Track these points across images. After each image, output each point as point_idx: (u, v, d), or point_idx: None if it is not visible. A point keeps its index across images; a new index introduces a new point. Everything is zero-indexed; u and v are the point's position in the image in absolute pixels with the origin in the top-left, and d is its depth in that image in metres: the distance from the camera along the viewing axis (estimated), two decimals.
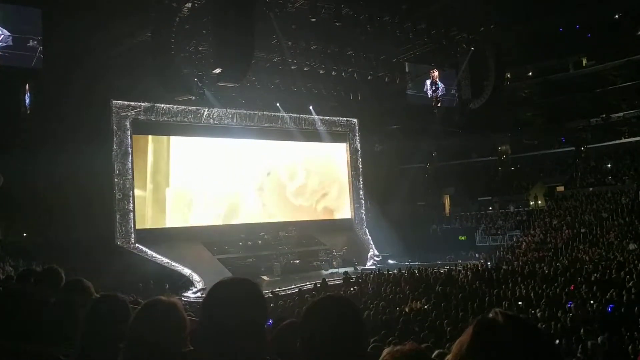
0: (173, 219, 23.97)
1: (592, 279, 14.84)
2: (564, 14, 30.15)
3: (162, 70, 17.05)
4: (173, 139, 24.90)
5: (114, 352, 1.94)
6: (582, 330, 8.75)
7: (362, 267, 24.59)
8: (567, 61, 35.40)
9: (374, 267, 24.38)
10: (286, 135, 28.25)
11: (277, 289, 18.11)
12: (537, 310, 11.17)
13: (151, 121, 23.99)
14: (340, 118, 30.42)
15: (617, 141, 33.27)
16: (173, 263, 21.82)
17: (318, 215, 29.27)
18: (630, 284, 13.36)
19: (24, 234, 21.38)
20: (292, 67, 22.10)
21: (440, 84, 23.55)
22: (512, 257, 25.80)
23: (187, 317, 1.94)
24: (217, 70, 16.30)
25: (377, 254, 27.45)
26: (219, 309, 1.72)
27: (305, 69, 22.44)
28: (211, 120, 25.67)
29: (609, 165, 32.37)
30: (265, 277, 22.57)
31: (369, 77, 24.29)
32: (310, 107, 28.18)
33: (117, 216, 22.61)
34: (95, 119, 21.52)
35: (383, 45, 22.33)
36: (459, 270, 19.52)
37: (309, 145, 29.58)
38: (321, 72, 22.90)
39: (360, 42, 21.61)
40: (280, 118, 27.71)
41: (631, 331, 8.73)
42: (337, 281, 19.91)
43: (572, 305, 11.12)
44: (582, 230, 26.55)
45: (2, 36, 15.75)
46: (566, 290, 13.48)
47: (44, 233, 19.62)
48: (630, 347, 7.70)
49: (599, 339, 7.55)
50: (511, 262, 23.42)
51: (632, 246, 23.16)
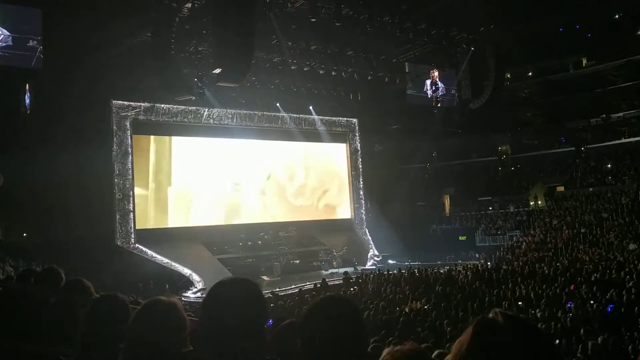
0: (173, 219, 23.97)
1: (592, 279, 14.85)
2: (564, 14, 30.13)
3: (162, 70, 17.06)
4: (173, 139, 24.89)
5: (114, 352, 1.94)
6: (582, 330, 8.75)
7: (362, 267, 24.58)
8: (567, 61, 35.40)
9: (374, 267, 24.38)
10: (286, 135, 28.25)
11: (277, 289, 18.11)
12: (537, 310, 11.18)
13: (151, 121, 24.00)
14: (340, 118, 30.41)
15: (617, 141, 33.26)
16: (173, 263, 21.83)
17: (318, 215, 29.27)
18: (630, 284, 13.37)
19: (24, 234, 21.37)
20: (292, 67, 22.10)
21: (440, 84, 23.54)
22: (512, 257, 25.79)
23: (187, 317, 1.94)
24: (217, 71, 16.30)
25: (377, 254, 27.44)
26: (219, 309, 1.72)
27: (305, 69, 22.44)
28: (211, 121, 25.66)
29: (609, 165, 32.37)
30: (265, 277, 22.56)
31: (369, 77, 24.28)
32: (310, 107, 28.16)
33: (117, 216, 22.61)
34: (95, 119, 21.51)
35: (383, 45, 22.34)
36: (459, 270, 19.52)
37: (309, 146, 29.59)
38: (321, 72, 22.90)
39: (360, 42, 21.61)
40: (280, 118, 27.70)
41: (631, 331, 8.73)
42: (337, 281, 19.90)
43: (572, 305, 11.13)
44: (582, 230, 26.55)
45: (2, 36, 15.74)
46: (566, 290, 13.48)
47: (44, 233, 19.62)
48: (630, 347, 7.70)
49: (599, 339, 7.55)
50: (511, 262, 23.41)
51: (632, 246, 23.16)
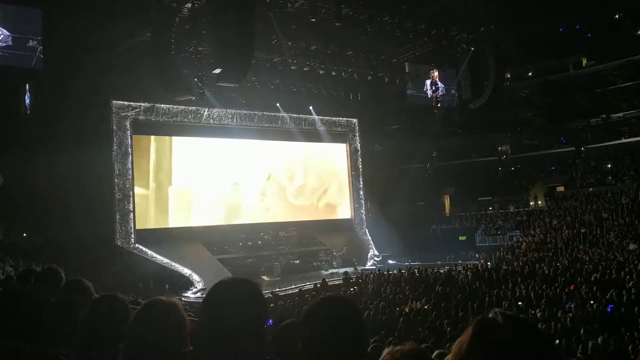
0: (173, 219, 23.97)
1: (592, 279, 14.85)
2: (564, 14, 30.13)
3: (162, 70, 17.05)
4: (173, 139, 24.88)
5: (114, 352, 1.94)
6: (582, 331, 8.75)
7: (362, 267, 24.57)
8: (567, 61, 35.40)
9: (374, 267, 24.37)
10: (286, 135, 28.24)
11: (277, 289, 18.11)
12: (537, 311, 11.17)
13: (151, 121, 24.00)
14: (340, 118, 30.41)
15: (617, 141, 33.25)
16: (173, 263, 21.82)
17: (318, 215, 29.26)
18: (630, 284, 13.37)
19: (24, 234, 21.37)
20: (292, 67, 22.10)
21: (440, 84, 23.52)
22: (512, 257, 25.80)
23: (187, 317, 1.94)
24: (217, 71, 16.30)
25: (377, 254, 27.43)
26: (219, 309, 1.72)
27: (305, 69, 22.44)
28: (211, 121, 25.66)
29: (609, 166, 32.37)
30: (265, 277, 22.56)
31: (369, 77, 24.28)
32: (310, 107, 28.16)
33: (117, 216, 22.62)
34: (95, 119, 21.51)
35: (383, 45, 22.33)
36: (459, 270, 19.53)
37: (309, 146, 29.59)
38: (321, 72, 22.89)
39: (360, 42, 21.61)
40: (280, 118, 27.70)
41: (631, 331, 8.73)
42: (337, 281, 19.89)
43: (572, 305, 11.12)
44: (582, 230, 26.55)
45: (2, 36, 15.74)
46: (566, 290, 13.48)
47: (44, 233, 19.61)
48: (630, 347, 7.70)
49: (599, 339, 7.54)
50: (511, 262, 23.42)
51: (632, 246, 23.16)
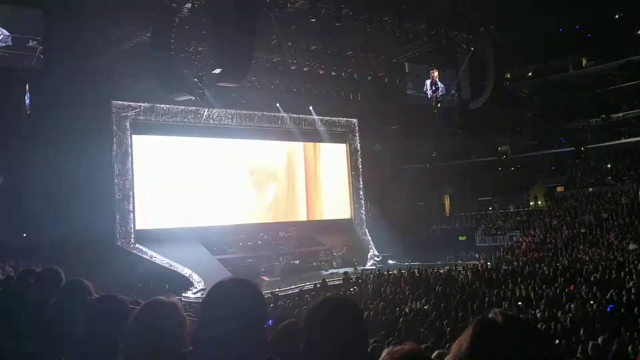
0: (173, 219, 23.95)
1: (592, 279, 14.87)
2: (564, 14, 30.13)
3: (162, 70, 17.06)
4: (173, 140, 24.88)
5: (114, 351, 1.94)
6: (582, 331, 8.75)
7: (362, 268, 24.57)
8: (567, 61, 35.38)
9: (374, 267, 24.38)
10: (286, 135, 28.25)
11: (277, 290, 18.11)
12: (537, 311, 11.18)
13: (151, 121, 23.99)
14: (340, 118, 30.40)
15: (617, 141, 33.23)
16: (173, 263, 21.82)
17: (318, 215, 29.27)
18: (630, 284, 13.39)
19: (24, 234, 21.35)
20: (292, 68, 22.10)
21: (440, 84, 23.52)
22: (512, 257, 25.81)
23: (187, 317, 1.94)
24: (217, 71, 16.30)
25: (377, 254, 27.42)
26: (219, 309, 1.72)
27: (305, 69, 22.44)
28: (211, 121, 25.64)
29: (609, 166, 32.37)
30: (265, 278, 22.55)
31: (369, 77, 24.26)
32: (310, 108, 28.14)
33: (117, 216, 22.61)
34: (95, 119, 21.48)
35: (383, 45, 22.34)
36: (459, 270, 19.56)
37: (309, 146, 29.58)
38: (321, 72, 22.89)
39: (360, 42, 21.62)
40: (280, 118, 27.68)
41: (631, 331, 8.73)
42: (337, 281, 19.90)
43: (572, 306, 11.13)
44: (582, 230, 26.56)
45: (2, 36, 15.74)
46: (566, 290, 13.49)
47: (44, 233, 19.59)
48: (630, 347, 7.69)
49: (599, 339, 7.54)
50: (511, 262, 23.44)
51: (632, 246, 23.18)
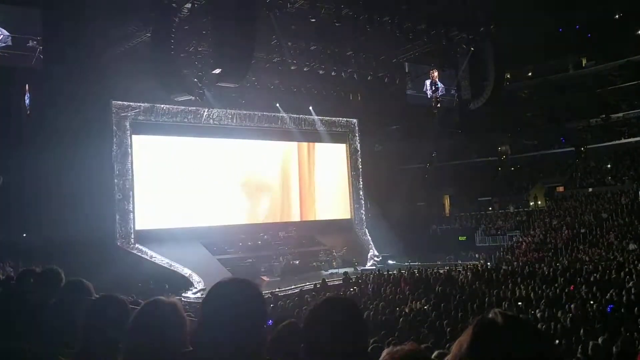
0: (173, 219, 23.95)
1: (592, 279, 14.86)
2: (564, 14, 30.13)
3: (161, 70, 17.05)
4: (173, 140, 24.88)
5: (114, 352, 1.94)
6: (582, 331, 8.75)
7: (362, 268, 24.57)
8: (567, 61, 35.38)
9: (374, 267, 24.38)
10: (286, 135, 28.25)
11: (276, 290, 18.12)
12: (537, 311, 11.18)
13: (151, 122, 23.99)
14: (340, 118, 30.39)
15: (617, 141, 33.23)
16: (173, 263, 21.82)
17: (318, 215, 29.27)
18: (630, 284, 13.38)
19: (24, 234, 21.35)
20: (292, 68, 22.10)
21: (440, 84, 23.50)
22: (511, 257, 25.81)
23: (187, 317, 1.94)
24: (217, 71, 16.30)
25: (377, 254, 27.43)
26: (219, 310, 1.72)
27: (305, 69, 22.44)
28: (211, 121, 25.64)
29: (609, 166, 32.36)
30: (265, 278, 22.55)
31: (369, 78, 24.25)
32: (310, 108, 28.14)
33: (117, 216, 22.61)
34: (95, 119, 21.49)
35: (383, 45, 22.33)
36: (459, 270, 19.56)
37: (309, 146, 29.59)
38: (321, 72, 22.89)
39: (360, 42, 21.60)
40: (280, 118, 27.67)
41: (631, 331, 8.73)
42: (337, 282, 19.90)
43: (572, 306, 11.13)
44: (582, 230, 26.56)
45: (2, 36, 15.73)
46: (566, 290, 13.49)
47: (44, 233, 19.59)
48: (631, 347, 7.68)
49: (599, 339, 7.54)
50: (511, 262, 23.42)
51: (632, 246, 23.18)
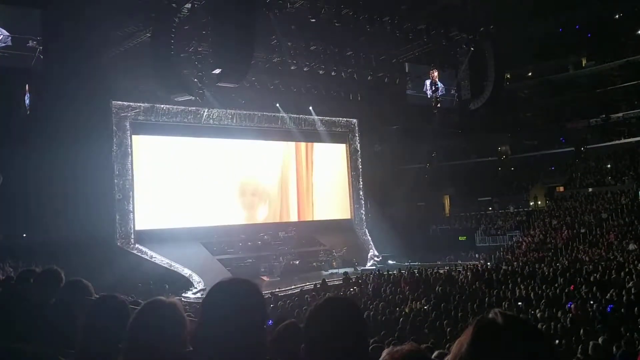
0: (173, 219, 23.96)
1: (592, 279, 14.87)
2: (564, 14, 30.14)
3: (161, 70, 17.04)
4: (173, 140, 24.89)
5: (114, 352, 1.94)
6: (582, 331, 8.75)
7: (362, 268, 24.57)
8: (567, 61, 35.39)
9: (374, 267, 24.38)
10: (286, 135, 28.25)
11: (276, 290, 18.12)
12: (537, 311, 11.18)
13: (151, 122, 24.00)
14: (340, 118, 30.39)
15: (617, 141, 33.24)
16: (173, 263, 21.83)
17: (318, 215, 29.27)
18: (630, 284, 13.40)
19: (24, 234, 21.35)
20: (292, 68, 22.10)
21: (440, 85, 23.49)
22: (511, 257, 25.81)
23: (187, 318, 1.94)
24: (217, 71, 16.30)
25: (377, 254, 27.43)
26: (219, 310, 1.72)
27: (304, 69, 22.44)
28: (211, 121, 25.64)
29: (609, 166, 32.36)
30: (265, 278, 22.56)
31: (369, 78, 24.26)
32: (310, 108, 28.14)
33: (117, 216, 22.62)
34: (95, 120, 21.49)
35: (383, 45, 22.33)
36: (459, 270, 19.58)
37: (309, 146, 29.59)
38: (321, 72, 22.89)
39: (360, 42, 21.61)
40: (280, 118, 27.67)
41: (631, 331, 8.73)
42: (337, 282, 19.90)
43: (572, 306, 11.13)
44: (582, 230, 26.56)
45: (2, 36, 15.73)
46: (566, 290, 13.50)
47: (44, 233, 19.60)
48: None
49: (599, 339, 7.54)
50: (511, 262, 23.42)
51: (632, 246, 23.18)
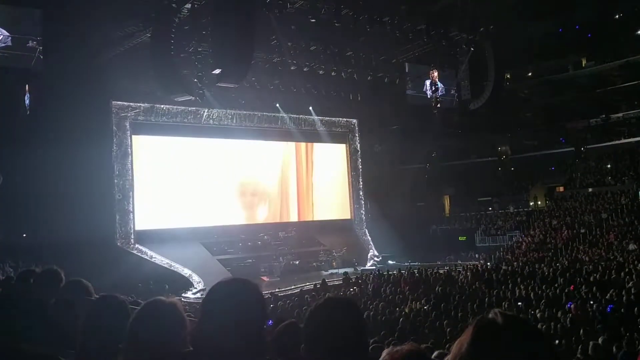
0: (173, 219, 23.96)
1: (592, 279, 14.87)
2: (564, 13, 30.12)
3: (161, 70, 17.05)
4: (172, 140, 24.88)
5: (114, 352, 1.94)
6: (582, 331, 8.75)
7: (362, 268, 24.57)
8: (567, 61, 35.36)
9: (374, 267, 24.38)
10: (286, 135, 28.25)
11: (276, 290, 18.12)
12: (537, 311, 11.18)
13: (151, 122, 24.00)
14: (340, 118, 30.39)
15: (617, 141, 33.23)
16: (173, 264, 21.83)
17: (318, 215, 29.27)
18: (630, 285, 13.40)
19: (24, 234, 21.34)
20: (292, 68, 22.12)
21: (440, 85, 23.49)
22: (511, 257, 25.81)
23: (187, 318, 1.94)
24: (217, 71, 16.30)
25: (377, 254, 27.43)
26: (219, 310, 1.72)
27: (304, 69, 22.45)
28: (211, 121, 25.64)
29: (609, 166, 32.35)
30: (265, 278, 22.55)
31: (369, 78, 24.27)
32: (310, 108, 28.14)
33: (117, 216, 22.62)
34: (95, 120, 21.48)
35: (383, 45, 22.34)
36: (459, 270, 19.58)
37: (309, 146, 29.59)
38: (321, 72, 22.91)
39: (360, 42, 21.62)
40: (280, 119, 27.67)
41: (631, 331, 8.73)
42: (337, 282, 19.90)
43: (571, 306, 11.13)
44: (582, 230, 26.56)
45: (2, 37, 15.73)
46: (566, 290, 13.50)
47: (44, 233, 19.58)
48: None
49: (599, 339, 7.54)
50: (511, 262, 23.43)
51: (631, 246, 23.18)
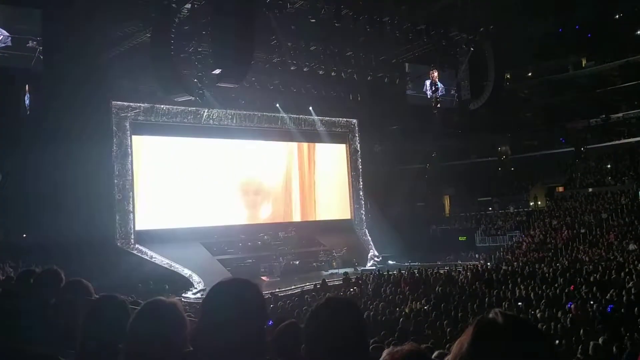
0: (173, 220, 23.96)
1: (592, 279, 14.87)
2: (564, 13, 30.12)
3: (161, 70, 17.05)
4: (172, 140, 24.89)
5: (114, 352, 1.94)
6: (582, 331, 8.75)
7: (362, 268, 24.58)
8: (567, 61, 35.36)
9: (374, 267, 24.39)
10: (286, 136, 28.25)
11: (276, 290, 18.13)
12: (537, 311, 11.18)
13: (151, 122, 24.01)
14: (340, 119, 30.40)
15: (617, 141, 33.22)
16: (173, 264, 21.83)
17: (318, 215, 29.27)
18: (630, 285, 13.40)
19: (24, 234, 21.34)
20: (292, 68, 22.11)
21: (439, 85, 23.49)
22: (512, 257, 25.81)
23: (187, 318, 1.93)
24: (217, 71, 16.31)
25: (377, 254, 27.43)
26: (219, 310, 1.72)
27: (304, 69, 22.45)
28: (211, 121, 25.65)
29: (609, 166, 32.35)
30: (265, 278, 22.56)
31: (369, 78, 24.27)
32: (310, 108, 28.15)
33: (117, 217, 22.62)
34: (95, 120, 21.47)
35: (383, 45, 22.34)
36: (459, 270, 19.58)
37: (309, 146, 29.59)
38: (321, 72, 22.90)
39: (360, 42, 21.62)
40: (280, 119, 27.68)
41: (631, 331, 8.73)
42: (337, 282, 19.91)
43: (572, 306, 11.13)
44: (582, 230, 26.56)
45: (2, 37, 15.73)
46: (566, 290, 13.50)
47: (44, 233, 19.58)
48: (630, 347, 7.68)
49: (599, 339, 7.54)
50: (511, 262, 23.42)
51: (632, 247, 23.17)
